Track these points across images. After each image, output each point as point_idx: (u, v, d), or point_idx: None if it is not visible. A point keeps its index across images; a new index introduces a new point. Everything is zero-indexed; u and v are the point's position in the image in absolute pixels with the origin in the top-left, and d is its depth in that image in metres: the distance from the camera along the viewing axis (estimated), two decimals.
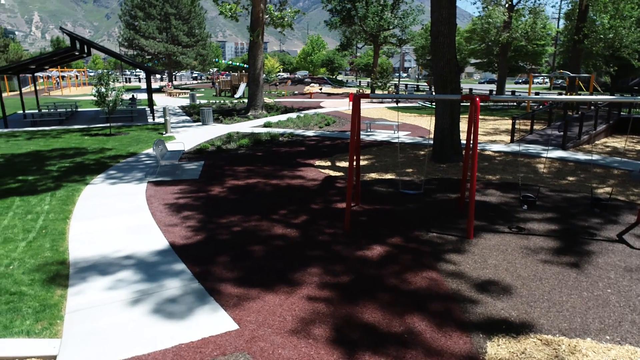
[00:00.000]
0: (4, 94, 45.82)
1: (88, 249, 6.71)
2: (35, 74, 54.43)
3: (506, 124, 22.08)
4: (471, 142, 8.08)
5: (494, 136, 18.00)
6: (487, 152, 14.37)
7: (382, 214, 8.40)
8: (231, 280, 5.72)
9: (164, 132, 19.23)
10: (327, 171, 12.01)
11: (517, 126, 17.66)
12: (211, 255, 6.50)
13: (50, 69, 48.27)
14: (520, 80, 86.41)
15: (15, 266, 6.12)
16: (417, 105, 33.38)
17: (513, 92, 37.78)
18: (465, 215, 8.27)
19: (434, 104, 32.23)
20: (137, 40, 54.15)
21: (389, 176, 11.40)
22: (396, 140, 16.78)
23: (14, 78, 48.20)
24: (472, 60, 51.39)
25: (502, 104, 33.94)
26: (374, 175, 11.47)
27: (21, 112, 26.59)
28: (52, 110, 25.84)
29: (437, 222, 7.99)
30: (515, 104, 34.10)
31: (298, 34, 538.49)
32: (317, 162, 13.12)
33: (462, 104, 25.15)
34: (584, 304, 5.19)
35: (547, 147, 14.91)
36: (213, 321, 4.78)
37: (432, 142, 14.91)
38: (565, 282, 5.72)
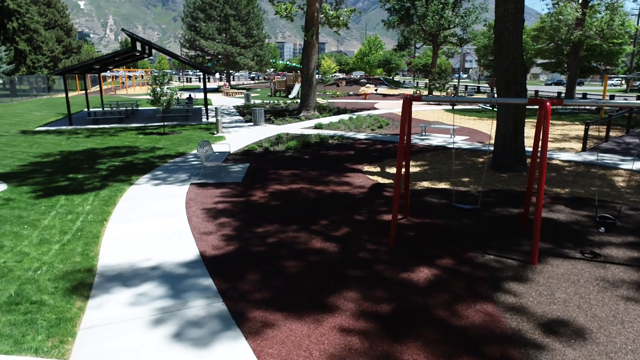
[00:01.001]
0: (74, 93, 48.64)
1: (117, 256, 6.45)
2: (104, 74, 57.37)
3: (576, 129, 20.24)
4: (539, 150, 7.11)
5: (563, 143, 16.42)
6: (554, 162, 13.03)
7: (432, 230, 7.59)
8: (258, 302, 5.20)
9: (215, 132, 19.26)
10: (375, 178, 11.29)
11: (589, 132, 16.03)
12: (241, 270, 6.02)
13: (117, 69, 50.69)
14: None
15: (43, 271, 5.95)
16: (477, 107, 31.66)
17: (584, 95, 34.95)
18: (529, 235, 7.29)
19: (495, 107, 30.43)
20: (197, 42, 55.71)
21: (442, 185, 10.50)
22: (452, 146, 15.72)
23: (86, 78, 51.07)
24: (539, 61, 48.36)
25: (572, 107, 31.48)
26: (426, 184, 10.61)
27: (86, 110, 27.85)
28: (113, 109, 26.84)
29: (495, 241, 7.08)
30: (586, 107, 31.48)
31: (356, 35, 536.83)
32: (366, 168, 12.42)
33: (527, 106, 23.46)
34: None
35: (625, 157, 13.32)
36: (231, 352, 4.27)
37: (492, 148, 13.77)
38: None
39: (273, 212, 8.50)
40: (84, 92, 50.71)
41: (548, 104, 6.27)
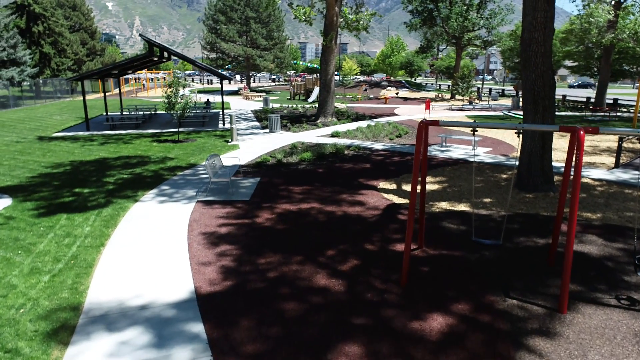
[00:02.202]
0: (97, 95, 49.23)
1: (107, 290, 6.04)
2: (126, 76, 57.99)
3: (607, 140, 19.13)
4: (571, 171, 6.43)
5: (592, 157, 15.44)
6: (584, 180, 12.16)
7: (449, 264, 6.95)
8: (249, 358, 4.68)
9: (230, 140, 18.92)
10: (391, 197, 10.68)
11: (623, 145, 15.00)
12: (235, 314, 5.52)
13: (139, 72, 51.09)
14: (574, 84, 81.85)
15: (26, 309, 5.57)
16: (501, 114, 30.58)
17: (615, 100, 33.39)
18: (557, 272, 6.59)
19: (520, 113, 29.33)
20: (218, 44, 55.76)
21: (462, 207, 9.82)
22: (473, 159, 14.94)
23: (109, 80, 51.74)
24: (567, 63, 46.65)
25: (602, 114, 30.09)
26: (444, 205, 9.94)
27: (104, 114, 27.92)
28: (131, 113, 26.82)
29: (519, 280, 6.40)
30: (617, 114, 30.07)
31: (379, 35, 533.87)
32: (381, 184, 11.81)
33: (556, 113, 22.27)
34: None
35: None
36: None
37: (517, 163, 12.97)
38: None
39: (278, 239, 7.99)
40: (108, 93, 51.45)
41: (582, 132, 5.58)
